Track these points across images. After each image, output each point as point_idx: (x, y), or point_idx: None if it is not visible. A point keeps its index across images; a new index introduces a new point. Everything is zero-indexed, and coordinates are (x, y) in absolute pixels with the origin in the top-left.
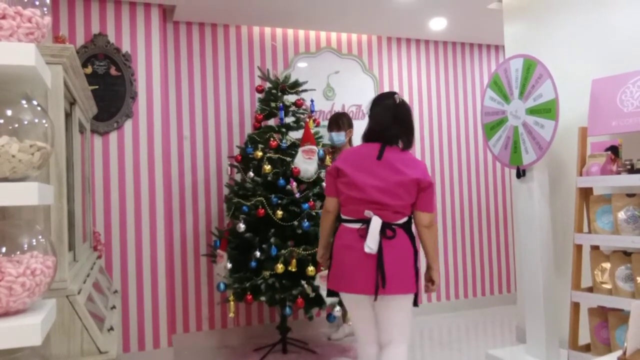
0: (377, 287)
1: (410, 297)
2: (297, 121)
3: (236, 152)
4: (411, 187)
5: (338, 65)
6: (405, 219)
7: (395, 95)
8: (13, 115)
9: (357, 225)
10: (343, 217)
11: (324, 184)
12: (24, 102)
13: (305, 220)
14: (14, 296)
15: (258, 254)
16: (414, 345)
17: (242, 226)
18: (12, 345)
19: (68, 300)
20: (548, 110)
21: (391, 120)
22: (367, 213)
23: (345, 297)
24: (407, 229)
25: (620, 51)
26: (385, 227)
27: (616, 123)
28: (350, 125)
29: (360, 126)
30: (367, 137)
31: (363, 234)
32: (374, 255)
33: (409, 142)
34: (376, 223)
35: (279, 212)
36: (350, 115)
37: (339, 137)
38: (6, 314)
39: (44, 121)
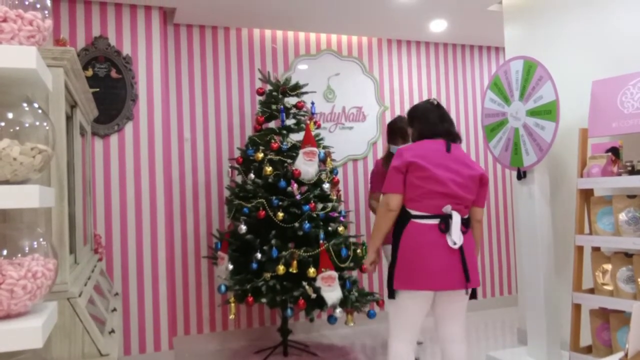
0: (467, 280)
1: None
2: (298, 123)
3: (237, 154)
4: (477, 181)
5: (338, 67)
6: (468, 214)
7: (432, 99)
8: (14, 118)
9: (434, 221)
10: (415, 212)
11: (324, 185)
12: (25, 105)
13: (306, 221)
14: (16, 299)
15: (259, 255)
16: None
17: (243, 228)
18: (14, 348)
19: (69, 303)
20: (548, 111)
21: (438, 118)
22: (445, 209)
23: (417, 295)
24: (469, 224)
25: (621, 53)
26: (462, 221)
27: (617, 124)
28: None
29: (360, 127)
30: (422, 136)
31: (443, 229)
32: (457, 250)
33: (459, 138)
34: (457, 217)
35: (280, 214)
36: (351, 117)
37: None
38: (7, 316)
39: (45, 124)
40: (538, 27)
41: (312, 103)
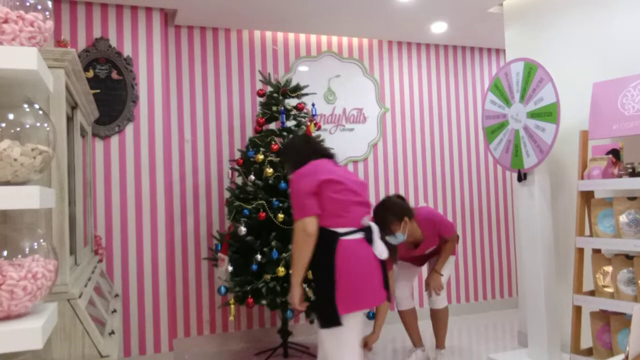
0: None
1: None
2: (299, 125)
3: (237, 155)
4: (366, 188)
5: (339, 69)
6: None
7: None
8: (15, 119)
9: (360, 235)
10: (342, 230)
11: None
12: (25, 106)
13: None
14: (16, 300)
15: (259, 257)
16: None
17: (243, 229)
18: (14, 349)
19: (69, 304)
20: (549, 113)
21: (304, 141)
22: (364, 221)
23: (359, 314)
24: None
25: (621, 55)
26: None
27: (617, 126)
28: (401, 216)
29: (360, 129)
30: (310, 158)
31: (369, 241)
32: (378, 262)
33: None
34: (375, 227)
35: (280, 215)
36: (351, 119)
37: (397, 239)
38: (7, 317)
39: (45, 125)
40: (539, 29)
41: (313, 104)
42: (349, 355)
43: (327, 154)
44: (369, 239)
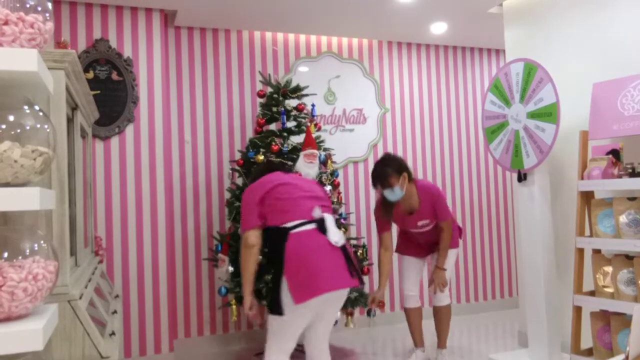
0: (356, 277)
1: None
2: (299, 125)
3: (237, 156)
4: (323, 189)
5: (339, 69)
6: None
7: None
8: (15, 121)
9: (312, 226)
10: (290, 224)
11: (325, 188)
12: (26, 107)
13: None
14: (16, 301)
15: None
16: None
17: None
18: (14, 350)
19: (70, 305)
20: (549, 114)
21: (265, 163)
22: (315, 212)
23: (308, 303)
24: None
25: (621, 55)
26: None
27: (617, 127)
28: (400, 171)
29: (360, 129)
30: (258, 176)
31: (321, 231)
32: (339, 249)
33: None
34: (330, 217)
35: None
36: (351, 119)
37: (395, 194)
38: (8, 318)
39: (45, 126)
40: (538, 30)
41: (313, 105)
42: (279, 343)
43: (281, 169)
44: (322, 229)
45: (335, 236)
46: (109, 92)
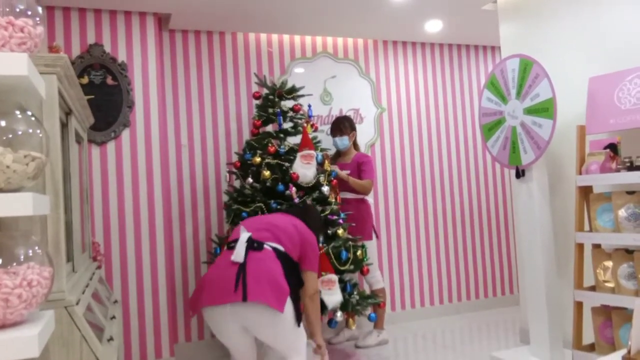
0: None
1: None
2: (295, 126)
3: (234, 158)
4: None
5: (334, 69)
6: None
7: None
8: (7, 126)
9: (233, 244)
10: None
11: (323, 188)
12: (17, 112)
13: None
14: (11, 308)
15: None
16: (417, 348)
17: None
18: (10, 357)
19: (66, 311)
20: (546, 109)
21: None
22: (242, 236)
23: (208, 315)
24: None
25: (617, 49)
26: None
27: (614, 121)
28: (353, 128)
29: (358, 129)
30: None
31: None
32: (236, 265)
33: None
34: (245, 235)
35: None
36: None
37: (343, 141)
38: (3, 326)
39: (38, 131)
40: (533, 25)
41: (309, 106)
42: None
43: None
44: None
45: (236, 254)
46: (104, 97)
